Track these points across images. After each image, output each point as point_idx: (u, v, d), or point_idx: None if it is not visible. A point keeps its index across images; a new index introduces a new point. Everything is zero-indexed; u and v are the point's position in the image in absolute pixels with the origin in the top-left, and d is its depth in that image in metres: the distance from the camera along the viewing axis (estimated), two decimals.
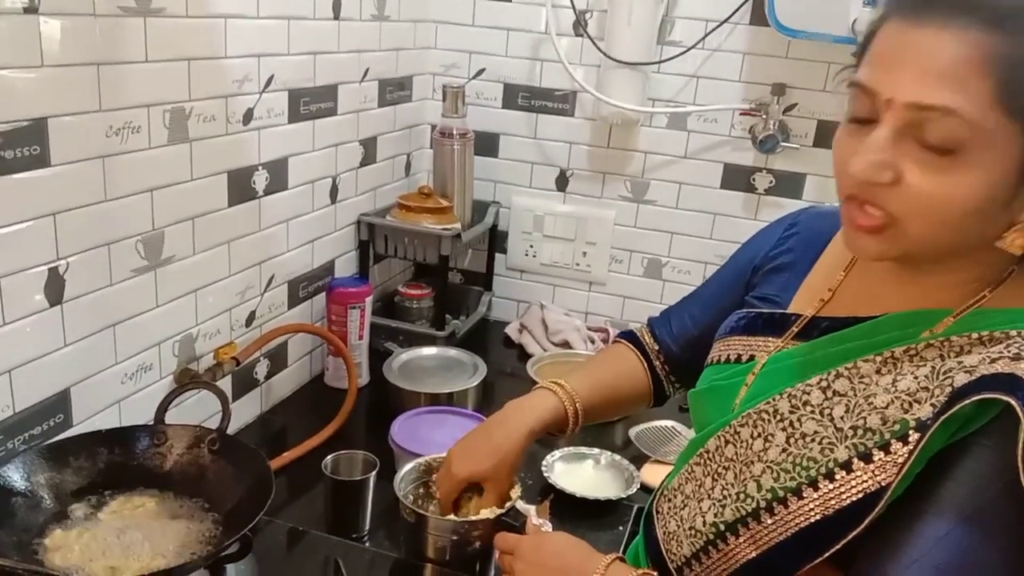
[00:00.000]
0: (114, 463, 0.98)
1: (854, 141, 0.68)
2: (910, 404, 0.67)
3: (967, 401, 0.62)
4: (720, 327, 0.92)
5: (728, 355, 0.87)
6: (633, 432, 1.40)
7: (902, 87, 0.64)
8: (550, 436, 1.07)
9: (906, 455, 0.66)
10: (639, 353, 1.07)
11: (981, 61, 0.61)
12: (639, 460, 1.32)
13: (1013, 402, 0.60)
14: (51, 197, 0.93)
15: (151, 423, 1.07)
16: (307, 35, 1.34)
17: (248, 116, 1.23)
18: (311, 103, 1.38)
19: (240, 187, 1.24)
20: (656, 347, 1.05)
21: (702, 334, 0.95)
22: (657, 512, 0.89)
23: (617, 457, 1.30)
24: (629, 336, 1.10)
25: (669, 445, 1.37)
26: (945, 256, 0.71)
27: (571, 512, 1.18)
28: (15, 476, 0.90)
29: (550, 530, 1.00)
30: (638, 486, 1.23)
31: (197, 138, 1.13)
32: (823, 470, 0.70)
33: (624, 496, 1.22)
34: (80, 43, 0.93)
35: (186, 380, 1.16)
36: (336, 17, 1.41)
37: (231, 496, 0.96)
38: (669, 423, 1.41)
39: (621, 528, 1.18)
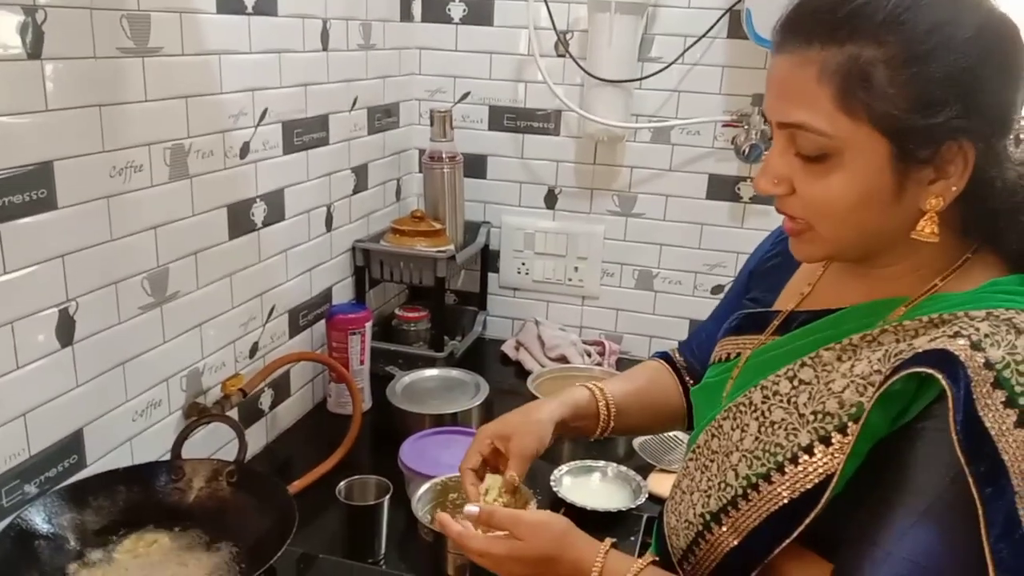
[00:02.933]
0: (133, 501, 0.98)
1: None
2: (864, 387, 0.70)
3: (896, 377, 0.66)
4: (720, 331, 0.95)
5: (720, 355, 0.92)
6: (637, 442, 1.42)
7: (773, 110, 0.72)
8: (580, 434, 1.07)
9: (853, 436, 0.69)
10: (670, 368, 1.11)
11: (818, 75, 0.67)
12: (644, 470, 1.34)
13: (938, 375, 0.63)
14: (59, 239, 0.94)
15: (166, 459, 1.07)
16: (297, 67, 1.36)
17: (245, 150, 1.25)
18: (304, 134, 1.40)
19: (239, 220, 1.26)
20: (684, 364, 1.09)
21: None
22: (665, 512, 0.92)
23: (623, 468, 1.32)
24: (661, 355, 1.14)
25: (673, 454, 1.39)
26: (873, 251, 0.75)
27: (582, 525, 1.16)
28: (37, 519, 0.90)
29: None
30: (646, 495, 1.25)
31: (197, 174, 1.15)
32: (788, 455, 0.73)
33: (633, 506, 1.23)
34: (82, 86, 0.94)
35: (196, 414, 1.16)
36: (324, 48, 1.43)
37: (253, 528, 0.96)
38: (672, 432, 1.43)
39: (633, 538, 1.20)
